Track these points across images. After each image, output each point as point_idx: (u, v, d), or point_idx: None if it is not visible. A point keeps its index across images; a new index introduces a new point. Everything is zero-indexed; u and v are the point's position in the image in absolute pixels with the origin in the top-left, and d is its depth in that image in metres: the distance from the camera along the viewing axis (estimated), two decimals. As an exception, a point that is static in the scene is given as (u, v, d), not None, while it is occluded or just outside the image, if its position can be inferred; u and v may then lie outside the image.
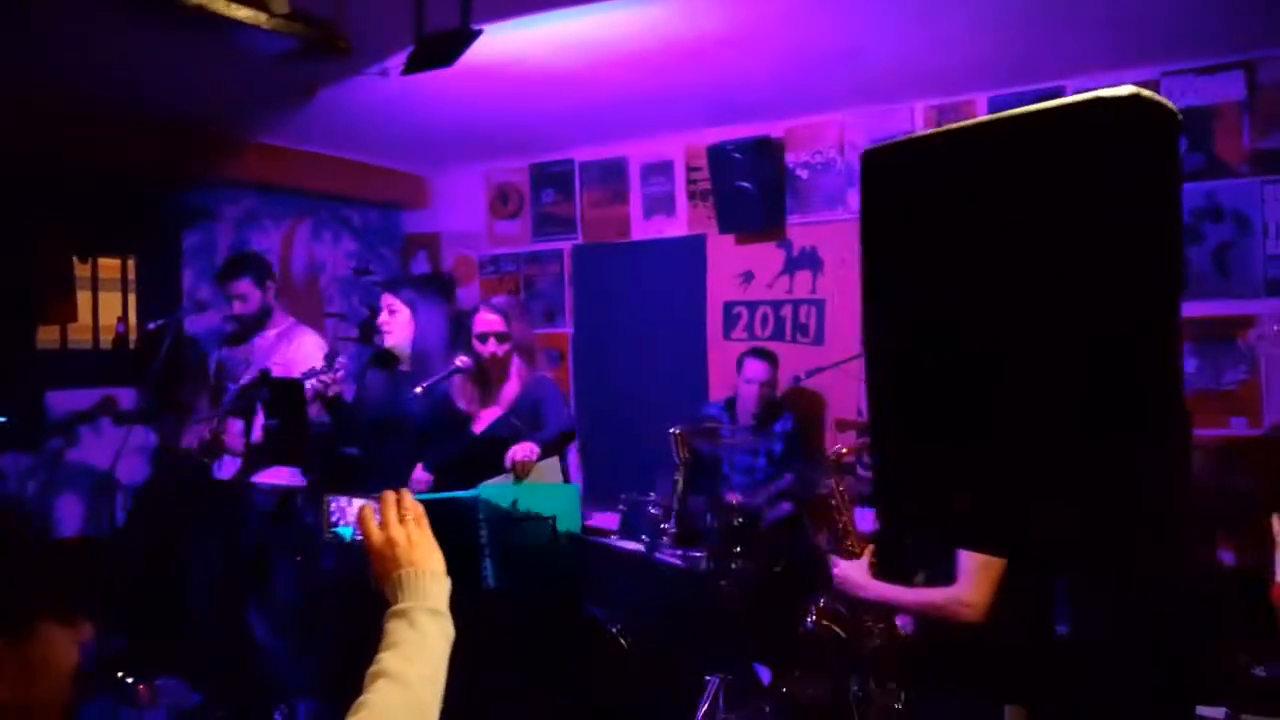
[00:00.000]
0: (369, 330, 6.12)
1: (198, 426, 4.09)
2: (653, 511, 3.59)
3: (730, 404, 4.50)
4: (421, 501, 1.37)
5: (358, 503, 1.44)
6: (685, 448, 3.27)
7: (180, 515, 3.91)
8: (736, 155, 4.64)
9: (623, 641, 3.27)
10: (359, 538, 1.44)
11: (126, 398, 4.68)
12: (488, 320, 3.16)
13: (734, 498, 3.84)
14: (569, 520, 1.84)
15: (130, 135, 4.40)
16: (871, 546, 2.90)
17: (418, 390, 2.88)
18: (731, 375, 4.59)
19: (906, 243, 1.44)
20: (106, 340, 4.73)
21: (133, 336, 4.80)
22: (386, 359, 3.36)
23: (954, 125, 1.40)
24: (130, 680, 3.24)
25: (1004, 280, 1.32)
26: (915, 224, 1.43)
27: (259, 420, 2.98)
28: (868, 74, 4.17)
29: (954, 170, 1.38)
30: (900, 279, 1.45)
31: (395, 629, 1.22)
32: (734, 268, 5.05)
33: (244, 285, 3.92)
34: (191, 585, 3.74)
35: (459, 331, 3.57)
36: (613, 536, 3.44)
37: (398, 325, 3.31)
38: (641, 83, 4.20)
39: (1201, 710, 3.10)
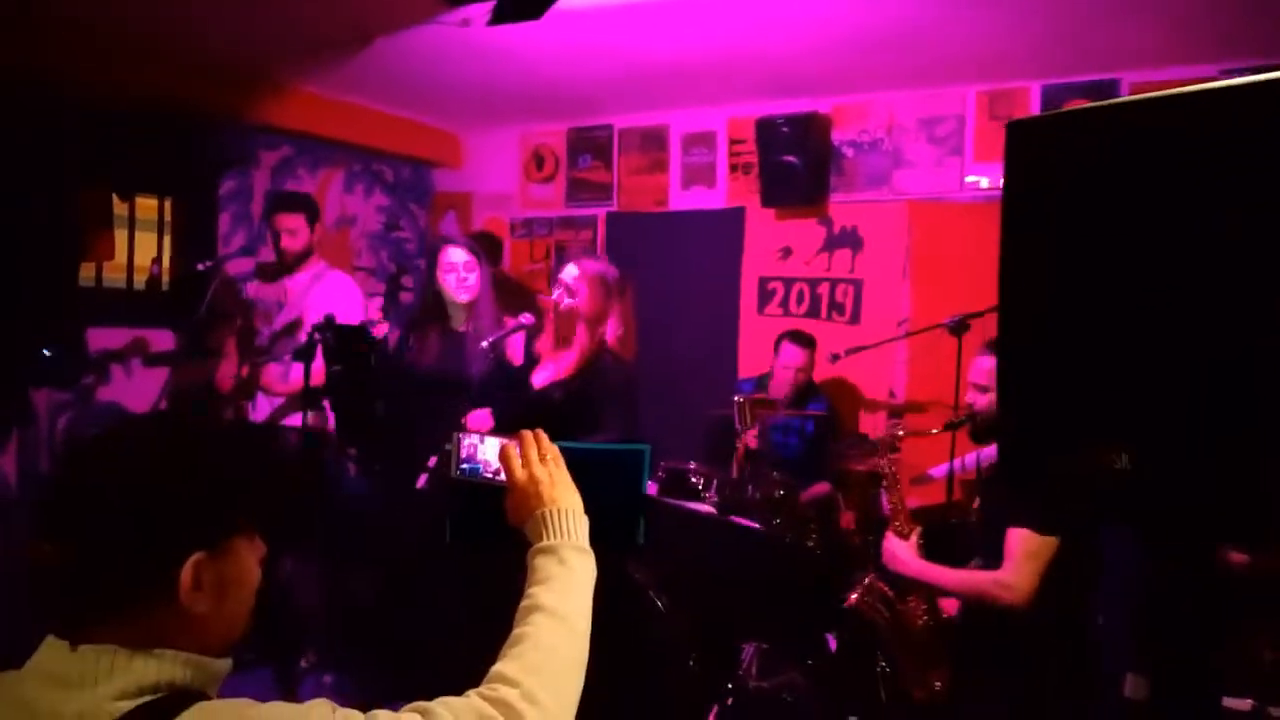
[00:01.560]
0: (396, 286, 6.11)
1: (228, 367, 4.08)
2: (693, 480, 3.61)
3: (763, 381, 4.51)
4: None
5: (491, 441, 1.44)
6: (750, 417, 3.27)
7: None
8: (784, 129, 4.62)
9: (660, 603, 3.30)
10: (489, 475, 1.45)
11: (158, 339, 4.67)
12: (567, 273, 3.11)
13: (752, 437, 3.71)
14: (638, 482, 1.83)
15: (178, 75, 4.35)
16: (919, 529, 2.92)
17: (484, 345, 2.87)
18: (763, 351, 4.60)
19: (1053, 218, 1.44)
20: (140, 281, 4.70)
21: (166, 278, 4.77)
22: (443, 317, 3.30)
23: (1112, 101, 1.41)
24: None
25: (1159, 260, 1.33)
26: (1064, 199, 1.44)
27: (317, 365, 2.96)
28: (921, 56, 4.15)
29: (1110, 147, 1.38)
30: (1045, 255, 1.45)
31: (544, 565, 1.23)
32: (772, 243, 5.04)
33: (296, 220, 3.91)
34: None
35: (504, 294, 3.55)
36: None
37: (473, 282, 3.25)
38: (689, 51, 4.16)
39: (1227, 701, 3.15)
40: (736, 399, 3.41)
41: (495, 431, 1.47)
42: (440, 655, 3.17)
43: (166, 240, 4.78)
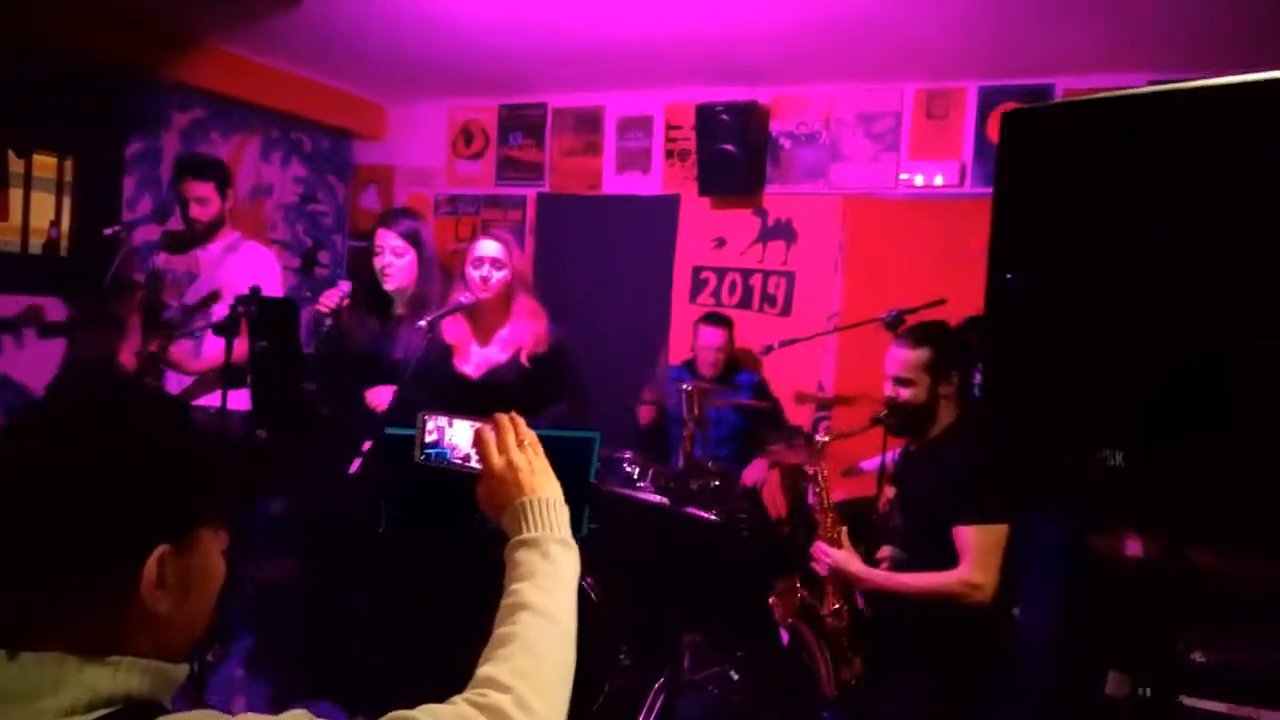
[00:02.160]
0: (311, 262, 5.87)
1: (131, 341, 3.82)
2: (627, 469, 3.55)
3: (690, 365, 4.48)
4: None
5: (461, 424, 1.34)
6: (699, 405, 3.21)
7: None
8: (724, 116, 4.58)
9: (594, 596, 3.23)
10: (457, 461, 1.34)
11: (53, 308, 4.36)
12: (486, 246, 2.94)
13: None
14: (586, 471, 1.76)
15: (84, 23, 4.05)
16: (845, 528, 2.89)
17: (421, 324, 2.72)
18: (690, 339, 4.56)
19: (1050, 211, 1.42)
20: (36, 244, 4.37)
21: (65, 243, 4.45)
22: (382, 302, 3.11)
23: (1118, 92, 1.38)
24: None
25: (1161, 257, 1.31)
26: (1061, 191, 1.41)
27: (241, 340, 2.78)
28: (863, 50, 4.16)
29: (1113, 139, 1.35)
30: (1041, 248, 1.42)
31: (527, 560, 1.14)
32: (706, 232, 5.00)
33: (206, 188, 3.66)
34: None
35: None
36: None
37: (403, 267, 3.07)
38: (628, 31, 4.07)
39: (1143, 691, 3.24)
40: (685, 387, 3.35)
41: (466, 414, 1.37)
42: (360, 651, 3.03)
43: (66, 202, 4.45)
